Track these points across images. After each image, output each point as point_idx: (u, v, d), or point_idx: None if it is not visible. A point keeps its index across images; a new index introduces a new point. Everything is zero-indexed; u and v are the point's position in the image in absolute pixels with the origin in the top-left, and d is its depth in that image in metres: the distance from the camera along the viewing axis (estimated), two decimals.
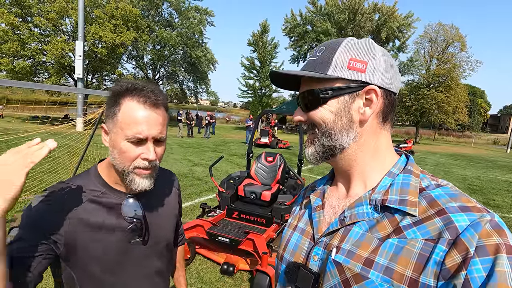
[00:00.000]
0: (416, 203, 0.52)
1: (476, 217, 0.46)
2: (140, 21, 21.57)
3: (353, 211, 0.57)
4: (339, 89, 0.57)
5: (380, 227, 0.53)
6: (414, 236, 0.49)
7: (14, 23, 16.26)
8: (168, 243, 0.98)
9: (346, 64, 0.56)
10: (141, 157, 0.77)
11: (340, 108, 0.57)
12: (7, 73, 17.07)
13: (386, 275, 0.49)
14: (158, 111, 0.78)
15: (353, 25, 25.19)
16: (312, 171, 9.02)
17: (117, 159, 0.78)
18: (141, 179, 0.79)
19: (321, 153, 0.61)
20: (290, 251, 0.67)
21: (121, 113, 0.75)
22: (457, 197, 0.51)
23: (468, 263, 0.42)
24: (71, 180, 0.84)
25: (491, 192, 7.98)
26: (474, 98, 44.66)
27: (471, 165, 14.29)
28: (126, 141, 0.75)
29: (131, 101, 0.76)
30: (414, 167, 0.60)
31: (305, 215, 0.70)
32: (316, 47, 0.62)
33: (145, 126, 0.75)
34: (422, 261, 0.46)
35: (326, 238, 0.59)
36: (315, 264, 0.59)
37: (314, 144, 0.61)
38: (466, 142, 34.65)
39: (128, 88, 0.77)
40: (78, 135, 5.74)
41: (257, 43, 28.18)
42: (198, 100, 35.85)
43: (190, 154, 10.93)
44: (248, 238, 2.99)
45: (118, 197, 0.85)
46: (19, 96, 17.82)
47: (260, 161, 4.34)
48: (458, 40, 28.18)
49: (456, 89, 27.26)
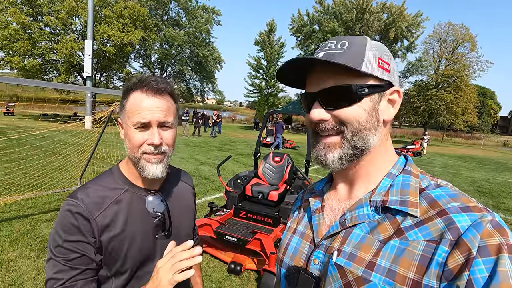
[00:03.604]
0: (417, 203, 0.52)
1: (477, 217, 0.46)
2: (148, 20, 21.73)
3: (354, 213, 0.57)
4: (373, 86, 0.55)
5: (381, 228, 0.53)
6: (415, 238, 0.49)
7: (25, 22, 16.55)
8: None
9: (376, 62, 0.55)
10: (147, 142, 0.80)
11: (371, 107, 0.56)
12: (18, 71, 17.43)
13: (389, 277, 0.48)
14: (161, 97, 0.82)
15: (360, 25, 24.97)
16: (318, 171, 8.99)
17: (129, 148, 0.83)
18: (151, 165, 0.82)
19: (348, 155, 0.56)
20: (290, 255, 0.66)
21: (128, 104, 0.82)
22: (457, 197, 0.50)
23: (471, 264, 0.42)
24: (94, 180, 0.87)
25: (501, 195, 7.85)
26: (484, 99, 43.85)
27: (480, 167, 14.07)
28: (133, 128, 0.80)
29: (136, 92, 0.81)
30: (413, 168, 0.59)
31: (304, 218, 0.69)
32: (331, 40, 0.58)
33: (147, 111, 0.79)
34: (424, 263, 0.46)
35: (327, 241, 0.58)
36: (315, 267, 0.58)
37: (341, 147, 0.56)
38: (475, 144, 34.11)
39: (134, 82, 0.82)
40: (87, 133, 5.83)
41: (264, 43, 28.15)
42: (204, 99, 36.00)
43: (196, 153, 10.99)
44: (256, 238, 3.00)
45: (141, 194, 0.88)
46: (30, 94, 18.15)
47: (268, 161, 4.35)
48: (468, 40, 27.77)
49: (466, 90, 26.85)
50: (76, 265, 0.75)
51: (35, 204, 4.37)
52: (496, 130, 52.87)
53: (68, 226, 0.76)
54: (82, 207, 0.78)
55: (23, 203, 4.35)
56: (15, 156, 6.52)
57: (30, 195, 4.61)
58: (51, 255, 0.76)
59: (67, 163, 5.67)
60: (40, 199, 4.60)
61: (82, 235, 0.77)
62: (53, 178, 5.20)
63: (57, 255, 0.75)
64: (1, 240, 3.29)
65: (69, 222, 0.77)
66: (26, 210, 4.16)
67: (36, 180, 4.99)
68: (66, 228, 0.76)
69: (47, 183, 5.01)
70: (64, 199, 0.91)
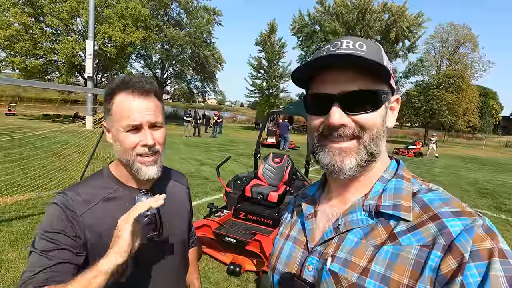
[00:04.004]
0: (410, 208, 0.52)
1: (469, 221, 0.46)
2: (149, 21, 21.75)
3: (348, 218, 0.56)
4: (388, 93, 0.55)
5: (375, 234, 0.53)
6: (409, 243, 0.49)
7: (27, 22, 16.60)
8: (182, 240, 1.00)
9: (390, 69, 0.55)
10: (140, 144, 0.80)
11: (385, 113, 0.56)
12: (19, 71, 17.49)
13: (383, 283, 0.48)
14: (148, 98, 0.82)
15: (362, 25, 24.93)
16: (319, 172, 8.97)
17: (120, 151, 0.82)
18: (146, 168, 0.82)
19: (364, 162, 0.54)
20: (283, 261, 0.65)
21: (114, 107, 0.80)
22: (449, 201, 0.51)
23: (464, 269, 0.42)
24: (85, 181, 0.88)
25: (503, 196, 7.81)
26: (485, 99, 43.72)
27: (482, 168, 14.02)
28: (123, 131, 0.79)
29: (121, 94, 0.80)
30: (405, 172, 0.59)
31: (297, 223, 0.68)
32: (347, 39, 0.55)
33: (137, 113, 0.79)
34: (418, 268, 0.46)
35: (321, 247, 0.57)
36: (309, 274, 0.57)
37: (358, 153, 0.54)
38: (476, 145, 34.01)
39: (117, 84, 0.81)
40: (88, 134, 5.83)
41: (265, 43, 28.16)
42: (205, 100, 36.04)
43: (197, 153, 10.99)
44: (255, 239, 2.99)
45: (131, 193, 0.87)
46: (31, 94, 18.22)
47: (268, 162, 4.34)
48: (470, 41, 27.70)
49: (467, 90, 26.79)
50: (52, 257, 0.74)
51: (35, 205, 4.38)
52: (497, 130, 52.68)
53: (52, 218, 0.77)
54: (70, 202, 0.78)
55: (23, 204, 4.35)
56: (16, 156, 6.53)
57: (30, 196, 4.61)
58: (32, 248, 0.76)
59: (67, 164, 5.67)
60: (40, 199, 4.60)
61: (65, 227, 0.76)
62: (53, 179, 5.20)
63: (35, 247, 0.75)
64: (1, 241, 3.29)
65: (54, 215, 0.77)
66: (26, 210, 4.16)
67: (36, 181, 4.99)
68: (49, 220, 0.77)
69: (47, 184, 5.01)
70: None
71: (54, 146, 6.70)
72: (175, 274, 0.97)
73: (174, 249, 0.96)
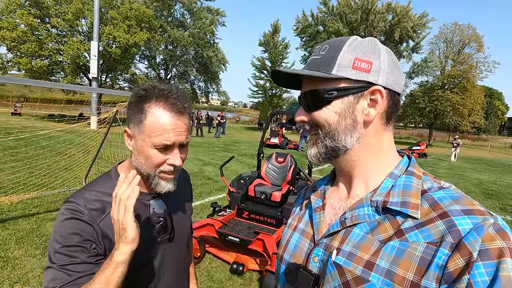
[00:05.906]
0: (418, 205, 0.51)
1: (479, 220, 0.45)
2: (153, 22, 21.91)
3: (354, 213, 0.57)
4: (344, 89, 0.55)
5: (381, 229, 0.53)
6: (416, 239, 0.48)
7: (33, 24, 16.81)
8: (189, 239, 1.01)
9: (351, 64, 0.55)
10: (167, 162, 0.78)
11: (345, 109, 0.56)
12: (25, 72, 17.69)
13: (387, 278, 0.48)
14: (184, 118, 0.78)
15: (365, 25, 24.84)
16: (322, 172, 8.95)
17: (143, 164, 0.79)
18: (166, 183, 0.81)
19: (323, 154, 0.60)
20: (290, 252, 0.66)
21: (148, 120, 0.75)
22: (460, 199, 0.50)
23: (471, 267, 0.42)
24: (93, 185, 0.84)
25: (508, 197, 7.72)
26: (491, 100, 43.28)
27: (487, 169, 13.89)
28: (153, 147, 0.76)
29: (158, 108, 0.75)
30: (416, 169, 0.58)
31: (305, 215, 0.69)
32: (319, 45, 0.61)
33: (172, 133, 0.76)
34: (424, 265, 0.46)
35: (327, 240, 0.58)
36: (315, 265, 0.58)
37: (316, 145, 0.60)
38: (482, 146, 33.66)
39: (154, 94, 0.76)
40: (92, 134, 5.88)
41: (268, 44, 28.18)
42: (208, 100, 36.13)
43: (200, 153, 11.03)
44: (258, 239, 3.00)
45: (142, 198, 0.85)
46: (37, 94, 18.39)
47: (271, 162, 4.34)
48: (475, 41, 27.42)
49: (472, 91, 26.51)
50: (72, 271, 0.72)
51: (41, 203, 4.43)
52: (503, 131, 52.09)
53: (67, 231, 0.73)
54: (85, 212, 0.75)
55: (29, 202, 4.40)
56: (21, 156, 6.61)
57: (36, 194, 4.66)
58: (49, 263, 0.73)
59: (72, 163, 5.73)
60: (46, 198, 4.65)
61: (83, 240, 0.73)
62: (58, 178, 5.26)
63: (53, 262, 0.72)
64: (7, 239, 3.34)
65: (68, 227, 0.74)
66: (32, 209, 4.21)
67: (41, 180, 5.05)
68: (64, 233, 0.73)
69: (52, 183, 5.07)
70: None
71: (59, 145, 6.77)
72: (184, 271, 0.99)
73: (183, 248, 0.97)
